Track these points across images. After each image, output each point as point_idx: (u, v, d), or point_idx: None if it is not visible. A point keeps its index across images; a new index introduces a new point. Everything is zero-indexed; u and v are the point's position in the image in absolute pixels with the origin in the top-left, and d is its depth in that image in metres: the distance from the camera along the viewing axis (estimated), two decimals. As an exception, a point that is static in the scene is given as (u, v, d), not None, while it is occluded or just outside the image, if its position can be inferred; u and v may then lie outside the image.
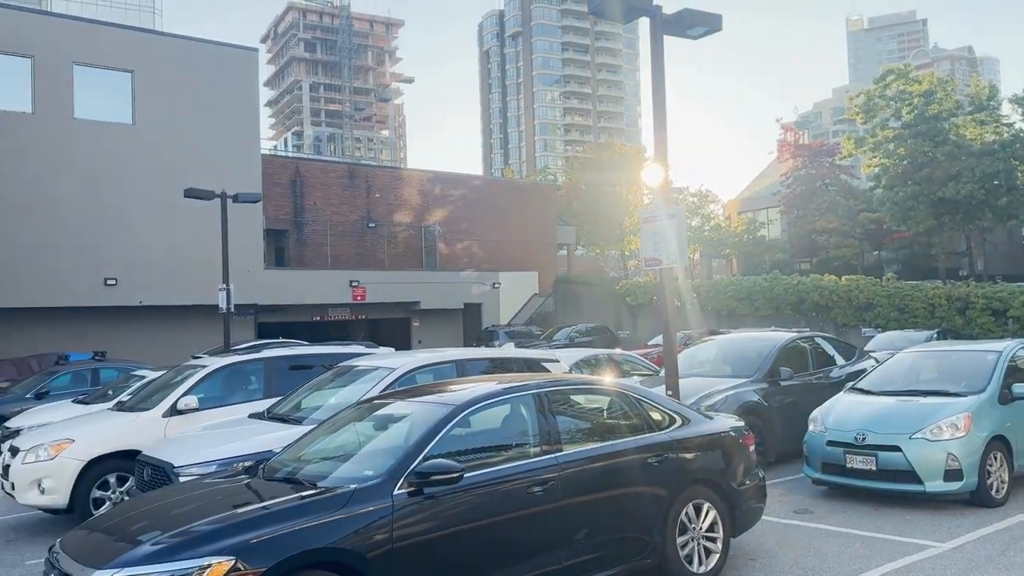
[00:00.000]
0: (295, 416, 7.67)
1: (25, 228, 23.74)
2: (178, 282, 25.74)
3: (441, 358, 8.50)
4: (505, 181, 56.44)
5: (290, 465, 5.29)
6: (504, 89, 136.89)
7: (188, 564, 3.87)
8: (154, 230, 25.60)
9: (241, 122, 28.15)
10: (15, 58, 24.08)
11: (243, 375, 9.78)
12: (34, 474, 8.08)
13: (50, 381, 15.65)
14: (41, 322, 24.35)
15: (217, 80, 27.48)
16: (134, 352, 23.00)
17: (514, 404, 5.54)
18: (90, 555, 4.15)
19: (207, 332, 25.62)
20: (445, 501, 4.65)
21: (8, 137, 23.62)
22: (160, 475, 6.68)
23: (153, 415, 8.68)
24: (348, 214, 36.25)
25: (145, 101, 26.06)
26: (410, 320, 34.55)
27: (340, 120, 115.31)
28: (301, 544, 4.13)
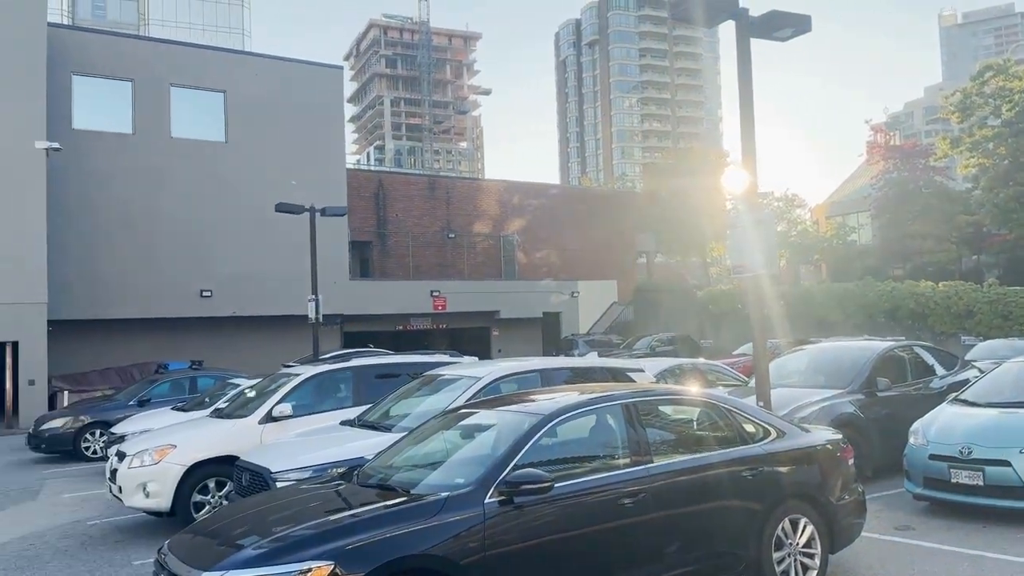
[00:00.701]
0: (384, 424, 7.82)
1: (127, 243, 25.06)
2: (268, 293, 26.69)
3: (525, 367, 8.51)
4: (582, 189, 56.31)
5: (382, 472, 5.38)
6: (581, 97, 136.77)
7: (290, 568, 3.98)
8: (246, 244, 26.64)
9: (327, 138, 29.03)
10: (117, 82, 25.52)
11: (333, 383, 10.03)
12: (139, 478, 8.48)
13: (151, 389, 16.40)
14: (141, 332, 25.62)
15: (304, 98, 28.43)
16: (228, 361, 23.91)
17: (602, 414, 5.50)
18: (197, 557, 4.31)
19: (296, 341, 26.43)
20: (535, 511, 4.65)
21: (111, 157, 25.01)
22: (258, 480, 6.91)
23: (249, 422, 8.99)
24: (429, 225, 36.85)
25: (237, 119, 27.19)
26: (490, 329, 34.81)
27: (420, 133, 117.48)
28: (397, 550, 4.20)
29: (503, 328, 34.79)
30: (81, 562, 7.70)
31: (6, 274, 20.84)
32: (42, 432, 15.21)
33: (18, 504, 10.93)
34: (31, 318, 21.30)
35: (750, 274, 8.60)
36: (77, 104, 24.73)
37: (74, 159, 23.54)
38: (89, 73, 25.01)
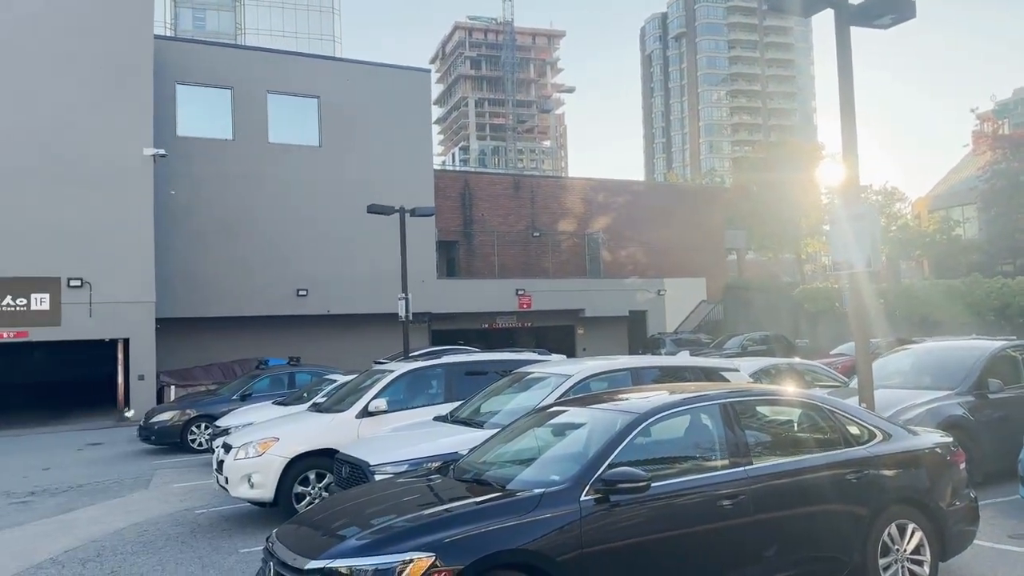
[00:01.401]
0: (476, 420, 7.93)
1: (228, 245, 26.20)
2: (360, 292, 27.43)
3: (616, 366, 8.47)
4: (669, 185, 55.46)
5: (477, 467, 5.46)
6: (667, 92, 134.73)
7: (393, 559, 4.09)
8: (339, 244, 27.47)
9: (415, 139, 29.58)
10: (218, 90, 26.69)
11: (425, 380, 10.24)
12: (244, 469, 8.86)
13: (252, 384, 17.09)
14: (241, 330, 26.74)
15: (393, 101, 29.06)
16: (322, 357, 24.71)
17: (699, 414, 5.43)
18: (303, 546, 4.48)
19: (386, 338, 27.08)
20: (630, 510, 4.63)
21: (213, 162, 26.20)
22: (357, 473, 7.12)
23: (347, 416, 9.28)
24: (514, 224, 37.04)
25: (330, 124, 28.04)
26: (574, 328, 34.73)
27: (503, 133, 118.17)
28: (494, 544, 4.26)
29: (588, 327, 34.65)
30: (191, 548, 8.12)
31: (118, 275, 22.11)
32: (152, 425, 16.07)
33: (132, 492, 11.60)
34: (140, 316, 22.53)
35: (852, 271, 8.29)
36: (181, 112, 26.01)
37: (178, 165, 24.77)
38: (191, 82, 26.26)
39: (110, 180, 22.01)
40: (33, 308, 21.30)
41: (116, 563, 7.66)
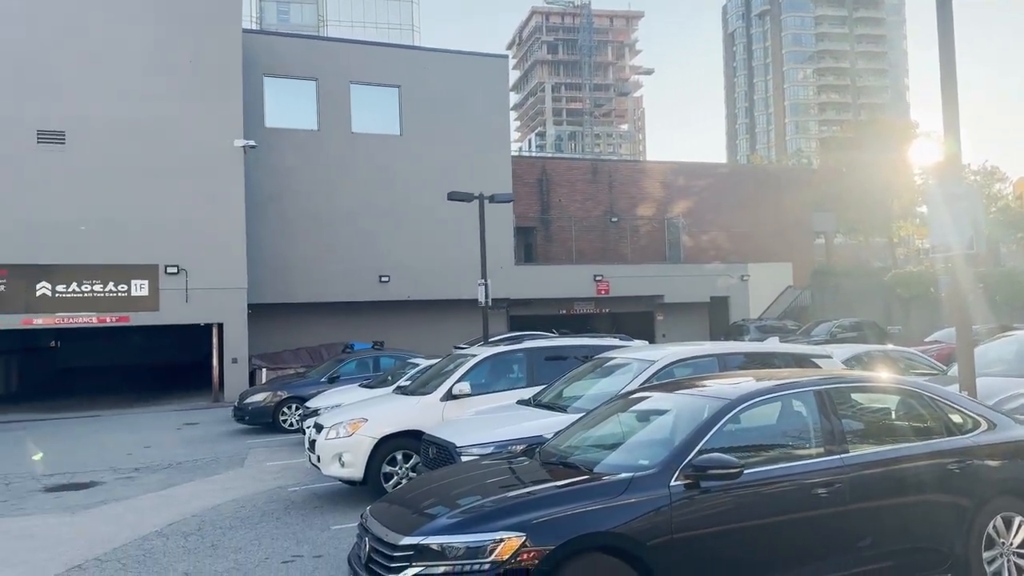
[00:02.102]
0: (559, 404, 7.96)
1: (313, 233, 26.96)
2: (439, 278, 27.82)
3: (702, 352, 8.34)
4: (753, 167, 53.97)
5: (563, 451, 5.48)
6: (750, 71, 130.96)
7: (484, 537, 4.17)
8: (420, 231, 27.91)
9: (493, 126, 29.69)
10: (303, 81, 27.41)
11: (507, 364, 10.34)
12: (335, 449, 9.15)
13: (340, 367, 17.59)
14: (327, 315, 27.53)
15: (471, 88, 29.24)
16: (403, 341, 25.25)
17: (792, 401, 5.32)
18: (396, 523, 4.60)
19: (465, 324, 27.43)
20: (721, 496, 4.58)
21: (299, 153, 26.95)
22: (443, 454, 7.26)
23: (432, 399, 9.46)
24: (591, 210, 36.82)
25: (411, 113, 28.44)
26: (653, 314, 34.33)
27: (580, 118, 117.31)
28: (583, 527, 4.28)
29: (668, 313, 34.20)
30: (285, 524, 8.44)
31: (213, 262, 23.05)
32: (246, 406, 16.73)
33: (228, 470, 12.13)
34: (233, 302, 23.45)
35: (950, 254, 7.91)
36: (269, 104, 26.82)
37: (266, 155, 25.60)
38: (278, 74, 27.04)
39: (204, 171, 22.93)
40: (133, 294, 22.43)
41: (216, 537, 8.04)
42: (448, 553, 4.17)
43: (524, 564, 4.12)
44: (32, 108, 21.47)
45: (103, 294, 22.10)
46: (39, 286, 21.51)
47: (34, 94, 21.51)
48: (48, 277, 21.59)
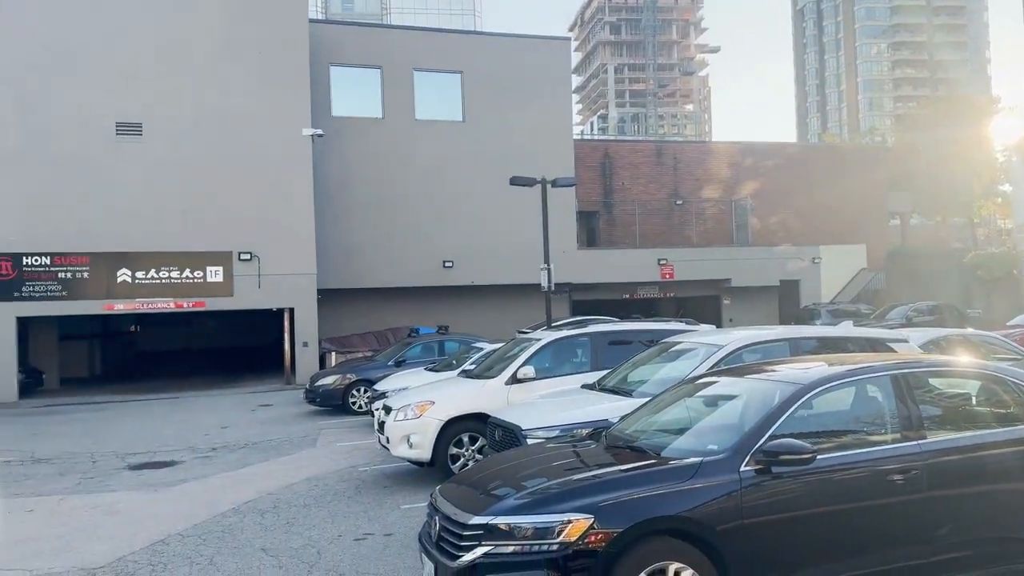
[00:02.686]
0: (624, 389, 7.93)
1: (379, 219, 27.38)
2: (502, 264, 27.93)
3: (772, 336, 8.18)
4: (824, 147, 52.40)
5: (630, 434, 5.47)
6: (821, 47, 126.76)
7: (552, 518, 4.20)
8: (483, 217, 28.04)
9: (555, 110, 29.54)
10: (368, 70, 27.76)
11: (571, 349, 10.35)
12: (404, 430, 9.34)
13: (406, 351, 17.89)
14: (392, 300, 27.97)
15: (533, 72, 29.13)
16: (467, 326, 25.47)
17: (867, 386, 5.18)
18: (465, 503, 4.68)
19: (527, 309, 27.51)
20: (792, 482, 4.51)
21: (364, 140, 27.35)
22: (509, 436, 7.33)
23: (497, 383, 9.55)
24: (655, 192, 36.36)
25: (473, 98, 28.52)
26: (720, 298, 33.76)
27: (644, 99, 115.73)
28: (652, 510, 4.27)
29: (735, 297, 33.59)
30: (357, 503, 8.66)
31: (284, 249, 23.65)
32: (316, 388, 17.17)
33: (301, 450, 12.49)
34: (304, 287, 24.03)
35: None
36: (335, 93, 27.27)
37: (333, 143, 26.06)
38: (344, 63, 27.45)
39: (274, 160, 23.50)
40: (209, 280, 23.21)
41: (291, 515, 8.31)
42: (516, 533, 4.22)
43: (592, 546, 4.14)
44: (111, 102, 22.33)
45: (180, 280, 22.93)
46: (119, 273, 22.44)
47: (113, 88, 22.35)
48: (128, 264, 22.50)
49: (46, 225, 21.73)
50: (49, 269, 21.85)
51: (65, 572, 6.63)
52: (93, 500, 9.38)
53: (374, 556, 6.73)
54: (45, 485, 10.38)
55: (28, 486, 10.37)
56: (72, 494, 9.75)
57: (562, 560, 4.13)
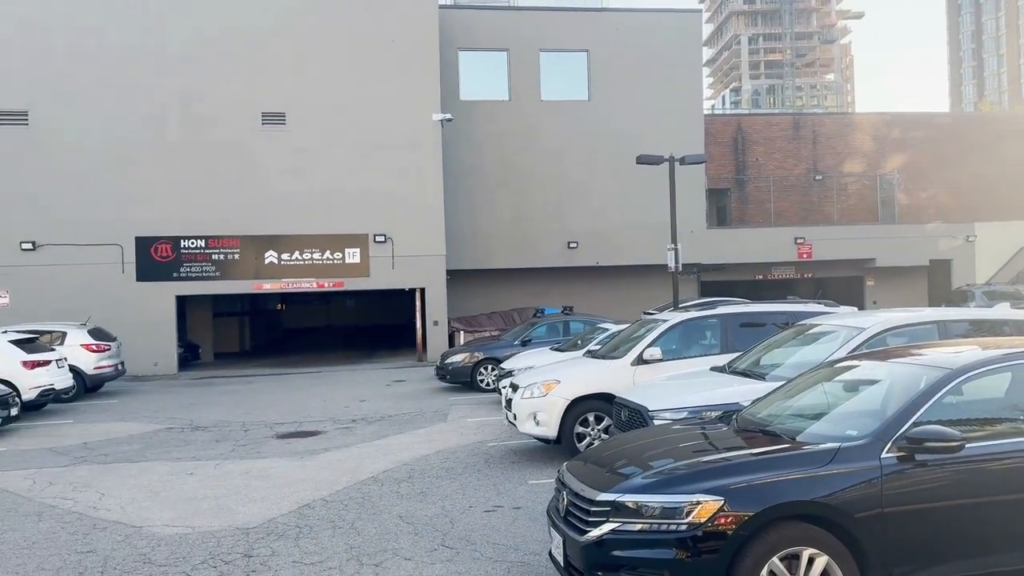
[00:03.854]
0: (756, 372, 7.72)
1: (504, 201, 27.74)
2: (628, 244, 27.66)
3: (920, 318, 7.71)
4: (981, 116, 48.31)
5: (762, 418, 5.34)
6: (978, 8, 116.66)
7: (680, 498, 4.19)
8: (608, 197, 27.84)
9: (684, 85, 28.79)
10: (495, 53, 28.05)
11: (699, 330, 10.17)
12: (530, 408, 9.50)
13: (531, 331, 18.14)
14: (517, 281, 28.32)
15: (661, 47, 28.49)
16: (591, 307, 25.45)
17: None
18: (592, 480, 4.73)
19: (654, 290, 27.15)
20: (938, 471, 4.28)
21: (491, 123, 27.71)
22: (636, 417, 7.31)
23: (623, 363, 9.53)
24: (792, 168, 34.81)
25: (599, 77, 28.26)
26: (862, 279, 32.01)
27: (780, 70, 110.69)
28: (785, 495, 4.18)
29: (879, 277, 31.75)
30: (487, 477, 8.91)
31: (416, 231, 24.45)
32: (446, 365, 17.71)
33: (433, 424, 12.95)
34: (434, 268, 24.76)
35: None
36: (463, 77, 27.76)
37: (461, 127, 26.57)
38: (471, 47, 27.86)
39: (406, 145, 24.28)
40: (347, 261, 24.34)
41: (425, 485, 8.66)
42: (644, 511, 4.24)
43: (722, 528, 4.10)
44: (257, 93, 23.71)
45: (321, 261, 24.18)
46: (267, 255, 23.92)
47: (258, 80, 23.72)
48: (274, 246, 23.94)
49: (201, 210, 23.44)
50: (204, 251, 23.58)
51: (222, 531, 7.22)
52: (246, 465, 10.13)
53: (504, 527, 6.93)
54: (203, 451, 11.31)
55: (188, 451, 11.33)
56: (227, 459, 10.57)
57: (691, 540, 4.11)
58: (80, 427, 13.90)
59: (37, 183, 22.51)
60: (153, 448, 11.66)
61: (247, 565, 6.23)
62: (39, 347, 16.20)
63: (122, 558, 6.49)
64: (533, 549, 6.29)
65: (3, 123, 22.55)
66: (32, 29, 22.58)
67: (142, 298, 22.92)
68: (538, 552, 6.17)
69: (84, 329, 18.60)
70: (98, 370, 18.21)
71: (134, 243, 23.09)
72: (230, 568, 6.17)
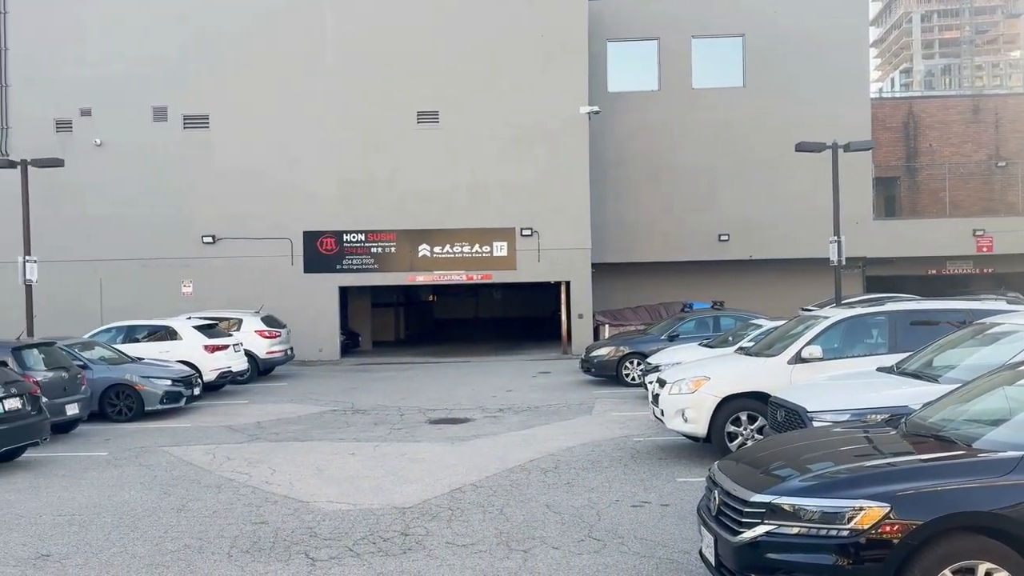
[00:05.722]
0: (928, 373, 7.21)
1: (652, 193, 27.29)
2: (784, 236, 26.47)
3: (1123, 318, 6.92)
4: None
5: (934, 423, 5.00)
6: None
7: (841, 503, 4.00)
8: (763, 187, 26.76)
9: (848, 67, 27.15)
10: (644, 42, 27.64)
11: (864, 328, 9.61)
12: (679, 404, 9.34)
13: (679, 326, 17.79)
14: (663, 274, 27.79)
15: (823, 28, 27.00)
16: (742, 302, 24.57)
17: None
18: (746, 480, 4.60)
19: (812, 285, 25.81)
20: None
21: (639, 113, 27.32)
22: (793, 418, 7.02)
23: (778, 361, 9.16)
24: (971, 154, 31.98)
25: (755, 61, 27.17)
26: (1054, 275, 28.96)
27: (956, 48, 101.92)
28: (958, 504, 3.91)
29: (1075, 273, 28.63)
30: (632, 471, 8.86)
31: (561, 224, 24.58)
32: (591, 359, 17.71)
33: (578, 417, 13.02)
34: (579, 261, 24.80)
35: None
36: (611, 68, 27.56)
37: (609, 119, 26.37)
38: (620, 38, 27.59)
39: (553, 138, 24.44)
40: (494, 254, 24.87)
41: (571, 476, 8.73)
42: (801, 515, 4.09)
43: (887, 536, 3.88)
44: (412, 93, 24.62)
45: (470, 255, 24.84)
46: (420, 248, 24.86)
47: (412, 80, 24.60)
48: (427, 240, 24.83)
49: (360, 205, 24.69)
50: (364, 245, 24.84)
51: (381, 509, 7.62)
52: (401, 448, 10.62)
53: (651, 523, 6.87)
54: (363, 433, 11.96)
55: (350, 432, 12.02)
56: (384, 442, 11.13)
57: (852, 547, 3.93)
58: (254, 407, 15.08)
59: (216, 181, 24.54)
60: (318, 428, 12.46)
61: (403, 543, 6.55)
62: (219, 333, 17.72)
63: (291, 530, 7.00)
64: (682, 547, 6.21)
65: (189, 127, 24.73)
66: (211, 42, 24.55)
67: (309, 288, 24.47)
68: (687, 550, 6.08)
69: (258, 317, 20.14)
70: (270, 355, 19.66)
71: (302, 237, 24.68)
72: (388, 545, 6.50)
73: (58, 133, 24.39)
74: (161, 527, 7.19)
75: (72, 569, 6.15)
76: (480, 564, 6.00)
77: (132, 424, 13.33)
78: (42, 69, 24.41)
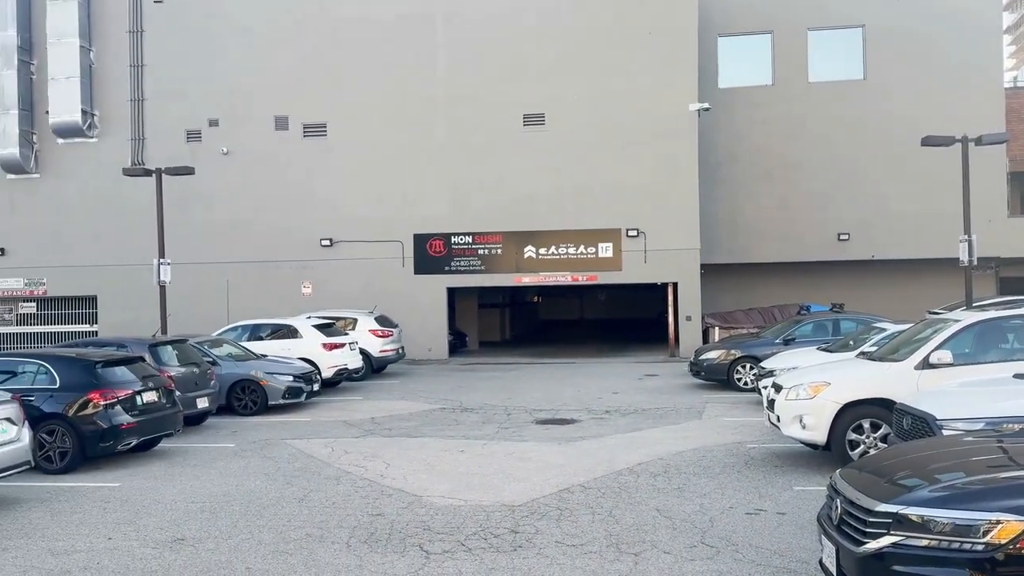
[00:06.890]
0: (1075, 382, 6.68)
1: (767, 191, 26.47)
2: (910, 235, 25.16)
3: None
4: None
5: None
6: None
7: (975, 516, 3.78)
8: (886, 183, 25.54)
9: (979, 56, 25.50)
10: (757, 36, 26.85)
11: (1000, 332, 9.00)
12: (796, 410, 9.01)
13: (795, 329, 17.14)
14: (780, 275, 26.90)
15: (951, 15, 25.48)
16: (864, 304, 23.43)
17: None
18: (870, 489, 4.40)
19: (940, 287, 24.39)
20: None
21: (751, 109, 26.57)
22: (920, 426, 6.66)
23: (904, 367, 8.69)
24: (1123, 144, 29.36)
25: (876, 53, 25.94)
26: None
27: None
28: (1115, 524, 3.60)
29: None
30: (746, 478, 8.63)
31: (668, 225, 24.15)
32: (701, 362, 17.33)
33: (687, 421, 12.78)
34: (687, 262, 24.30)
35: None
36: (722, 64, 26.91)
37: (719, 116, 25.74)
38: (732, 33, 26.90)
39: (660, 137, 24.06)
40: (600, 256, 24.73)
41: (681, 481, 8.59)
42: (931, 527, 3.88)
43: (1028, 553, 3.63)
44: (519, 96, 24.81)
45: (575, 256, 24.82)
46: (526, 249, 25.03)
47: (519, 83, 24.79)
48: (533, 242, 24.98)
49: (468, 207, 25.11)
50: (471, 246, 25.25)
51: (490, 505, 7.74)
52: (509, 447, 10.75)
53: (767, 532, 6.68)
54: (472, 431, 12.17)
55: (459, 430, 12.26)
56: (492, 440, 11.29)
57: (988, 563, 3.70)
58: (368, 403, 15.62)
59: (333, 186, 25.54)
60: (429, 425, 12.78)
61: (514, 540, 6.63)
62: (336, 331, 18.45)
63: (405, 523, 7.22)
64: (800, 557, 6.00)
65: (308, 135, 25.84)
66: (328, 54, 25.53)
67: (419, 289, 25.10)
68: (806, 560, 5.88)
69: (372, 316, 20.84)
70: (383, 353, 20.31)
71: (412, 239, 25.34)
72: (499, 541, 6.60)
73: (188, 143, 26.01)
74: (284, 516, 7.56)
75: (204, 553, 6.55)
76: (590, 565, 6.00)
77: (256, 417, 14.06)
78: (175, 82, 26.08)
